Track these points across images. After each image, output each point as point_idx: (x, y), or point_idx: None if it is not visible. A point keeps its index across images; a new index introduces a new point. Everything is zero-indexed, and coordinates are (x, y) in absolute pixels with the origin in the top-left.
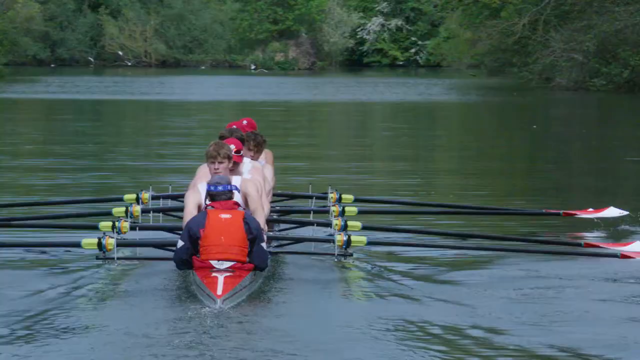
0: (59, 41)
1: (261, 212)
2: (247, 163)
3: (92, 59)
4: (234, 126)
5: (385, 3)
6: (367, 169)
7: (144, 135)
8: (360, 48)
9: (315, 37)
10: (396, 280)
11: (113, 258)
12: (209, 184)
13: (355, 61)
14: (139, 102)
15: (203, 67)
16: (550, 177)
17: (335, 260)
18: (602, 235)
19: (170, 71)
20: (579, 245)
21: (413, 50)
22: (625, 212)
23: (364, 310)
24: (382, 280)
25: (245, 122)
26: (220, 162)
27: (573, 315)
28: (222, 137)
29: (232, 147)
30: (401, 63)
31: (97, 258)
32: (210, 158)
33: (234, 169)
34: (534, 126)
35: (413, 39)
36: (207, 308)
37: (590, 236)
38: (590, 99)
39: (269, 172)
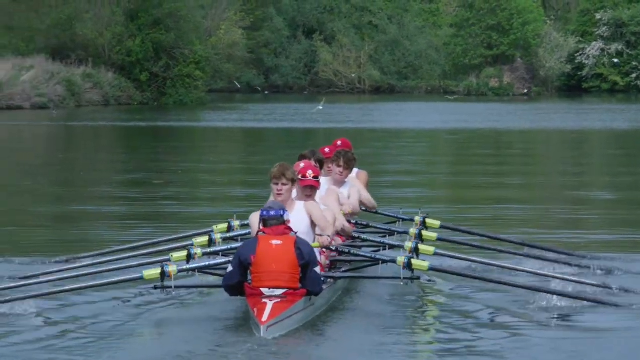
0: (272, 68)
1: (330, 228)
2: (322, 184)
3: (306, 86)
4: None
5: (606, 27)
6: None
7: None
8: (579, 73)
9: (531, 62)
10: (463, 317)
11: (171, 287)
12: (262, 209)
13: (574, 86)
14: (324, 130)
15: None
16: None
17: (402, 284)
18: None
19: (384, 98)
20: None
21: (634, 75)
22: None
23: (420, 352)
24: (448, 315)
25: (339, 142)
26: (284, 184)
27: None
28: (302, 157)
29: (310, 172)
30: (621, 88)
31: (155, 287)
32: (274, 179)
33: (312, 194)
34: None
35: (634, 63)
36: (249, 338)
37: None
38: None
39: (354, 191)
